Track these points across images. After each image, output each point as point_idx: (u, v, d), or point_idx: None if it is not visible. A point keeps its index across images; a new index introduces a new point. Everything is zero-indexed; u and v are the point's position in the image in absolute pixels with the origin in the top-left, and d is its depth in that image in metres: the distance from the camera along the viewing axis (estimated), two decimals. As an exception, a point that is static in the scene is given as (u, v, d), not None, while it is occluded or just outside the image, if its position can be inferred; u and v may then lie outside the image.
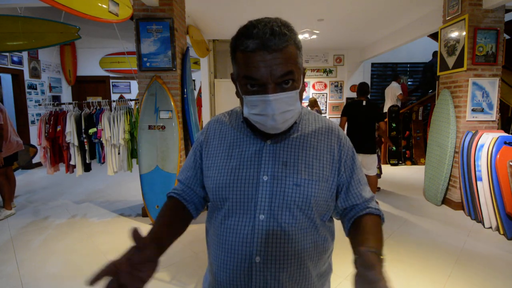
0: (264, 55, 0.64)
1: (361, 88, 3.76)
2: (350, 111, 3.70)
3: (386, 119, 6.23)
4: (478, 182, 3.15)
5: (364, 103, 3.67)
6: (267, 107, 0.67)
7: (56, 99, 6.99)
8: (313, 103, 6.65)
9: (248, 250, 0.71)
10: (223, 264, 0.74)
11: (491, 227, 3.08)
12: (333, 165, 0.77)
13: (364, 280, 0.57)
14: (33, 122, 6.27)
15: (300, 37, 6.05)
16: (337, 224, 0.88)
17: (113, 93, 7.60)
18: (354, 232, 0.77)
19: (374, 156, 3.67)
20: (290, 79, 0.67)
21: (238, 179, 0.74)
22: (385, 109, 6.68)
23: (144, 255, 0.61)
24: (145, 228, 3.20)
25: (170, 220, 0.80)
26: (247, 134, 0.79)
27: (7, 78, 6.46)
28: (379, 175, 4.45)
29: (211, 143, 0.83)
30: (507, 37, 4.86)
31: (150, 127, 3.29)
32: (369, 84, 8.18)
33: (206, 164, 0.82)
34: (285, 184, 0.72)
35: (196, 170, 0.86)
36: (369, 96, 3.87)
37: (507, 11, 3.73)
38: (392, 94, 6.71)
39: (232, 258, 0.73)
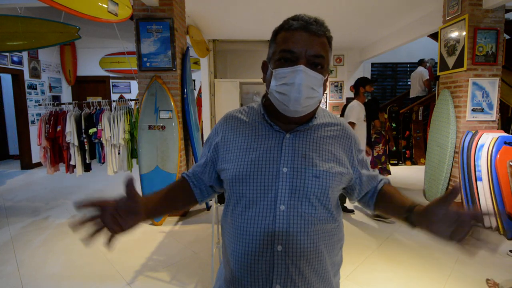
0: (304, 34, 0.73)
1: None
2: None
3: (386, 115, 6.17)
4: (478, 182, 3.15)
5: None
6: (296, 76, 0.72)
7: (56, 99, 6.99)
8: None
9: (270, 239, 0.73)
10: (244, 254, 0.75)
11: (491, 227, 3.08)
12: (346, 159, 0.82)
13: (447, 216, 0.64)
14: (33, 122, 6.26)
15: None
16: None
17: (113, 93, 7.60)
18: (384, 200, 0.86)
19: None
20: (320, 64, 0.75)
21: (258, 171, 0.76)
22: (411, 95, 6.57)
23: (129, 204, 0.71)
24: (144, 228, 3.21)
25: (169, 193, 0.88)
26: (267, 128, 0.81)
27: (7, 78, 6.47)
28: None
29: (228, 137, 0.84)
30: (507, 37, 4.86)
31: (150, 127, 3.29)
32: (369, 84, 8.20)
33: (224, 158, 0.83)
34: (305, 175, 0.75)
35: (206, 164, 0.88)
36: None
37: (507, 11, 3.74)
38: (420, 79, 6.49)
39: (253, 248, 0.74)
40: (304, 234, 0.74)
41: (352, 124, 3.34)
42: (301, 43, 0.73)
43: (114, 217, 0.68)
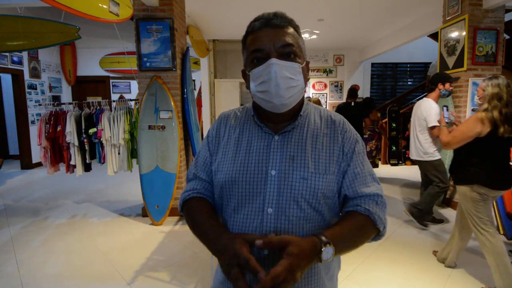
0: (268, 31, 0.74)
1: (350, 92, 4.74)
2: (341, 111, 4.59)
3: (386, 119, 6.23)
4: (478, 182, 3.15)
5: (352, 104, 4.60)
6: (271, 71, 0.71)
7: (56, 99, 6.99)
8: (317, 103, 6.69)
9: None
10: None
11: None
12: (339, 157, 0.78)
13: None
14: (33, 122, 6.27)
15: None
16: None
17: (113, 93, 7.60)
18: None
19: None
20: (291, 52, 0.74)
21: (247, 174, 0.75)
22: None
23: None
24: (144, 228, 3.21)
25: (215, 219, 0.79)
26: (256, 129, 0.81)
27: (7, 78, 6.47)
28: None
29: (221, 138, 0.84)
30: (507, 37, 4.86)
31: (150, 127, 3.29)
32: (369, 84, 8.22)
33: (216, 158, 0.83)
34: (292, 178, 0.73)
35: (208, 166, 0.87)
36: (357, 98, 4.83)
37: (507, 11, 3.73)
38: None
39: None
40: None
41: (434, 128, 2.92)
42: (267, 39, 0.73)
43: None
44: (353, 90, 4.71)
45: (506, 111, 1.93)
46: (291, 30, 0.75)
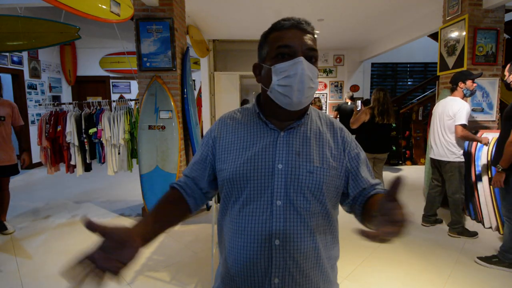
0: (297, 32, 0.79)
1: (349, 95, 6.03)
2: (340, 109, 5.91)
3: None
4: (478, 182, 3.15)
5: (349, 103, 5.83)
6: (298, 67, 0.76)
7: (56, 99, 6.99)
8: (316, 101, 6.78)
9: (268, 233, 0.76)
10: (243, 250, 0.77)
11: (491, 227, 3.08)
12: (339, 155, 0.84)
13: (385, 211, 0.57)
14: (33, 122, 6.26)
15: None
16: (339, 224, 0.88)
17: (113, 93, 7.60)
18: (366, 208, 0.79)
19: None
20: (314, 57, 0.80)
21: (255, 169, 0.79)
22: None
23: (113, 240, 0.61)
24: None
25: (163, 210, 0.82)
26: (262, 126, 0.85)
27: (7, 78, 6.46)
28: None
29: (224, 138, 0.87)
30: (507, 37, 4.86)
31: (150, 127, 3.29)
32: (369, 84, 8.24)
33: (220, 157, 0.85)
34: (299, 171, 0.78)
35: (205, 164, 0.88)
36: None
37: (507, 11, 3.73)
38: None
39: (253, 243, 0.77)
40: (300, 228, 0.76)
41: (463, 127, 2.77)
42: (296, 38, 0.77)
43: (107, 259, 0.60)
44: (351, 94, 6.13)
45: (381, 108, 3.38)
46: (313, 37, 0.81)
